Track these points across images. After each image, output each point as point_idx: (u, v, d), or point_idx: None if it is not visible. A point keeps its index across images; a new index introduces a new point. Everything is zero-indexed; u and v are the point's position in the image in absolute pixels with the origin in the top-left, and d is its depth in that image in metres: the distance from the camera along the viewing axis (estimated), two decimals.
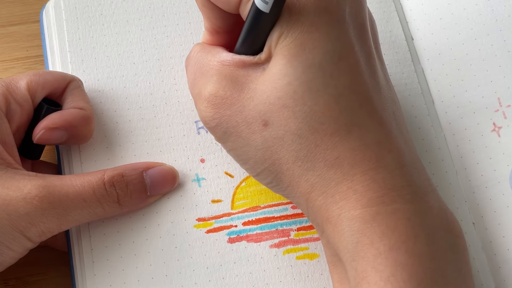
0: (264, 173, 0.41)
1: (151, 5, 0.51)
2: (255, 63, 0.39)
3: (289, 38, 0.38)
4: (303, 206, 0.40)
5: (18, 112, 0.45)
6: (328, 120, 0.38)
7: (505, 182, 0.46)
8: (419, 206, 0.38)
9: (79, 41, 0.50)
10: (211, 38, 0.44)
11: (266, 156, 0.39)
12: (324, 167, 0.38)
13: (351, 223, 0.37)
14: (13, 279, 0.47)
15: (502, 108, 0.48)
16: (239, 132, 0.40)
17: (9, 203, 0.40)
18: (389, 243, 0.36)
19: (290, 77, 0.37)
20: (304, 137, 0.38)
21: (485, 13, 0.50)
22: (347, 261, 0.37)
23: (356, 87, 0.39)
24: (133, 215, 0.45)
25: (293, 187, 0.40)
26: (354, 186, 0.37)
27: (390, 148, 0.39)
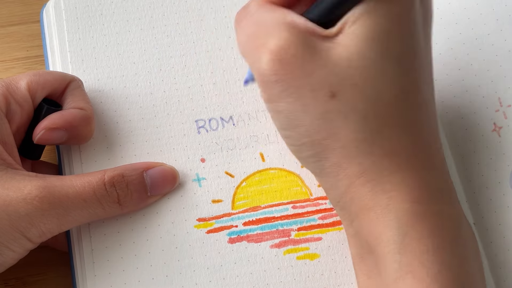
0: (312, 144, 0.40)
1: (151, 4, 0.51)
2: (325, 36, 0.38)
3: (374, 20, 0.37)
4: (339, 190, 0.40)
5: (18, 113, 0.44)
6: (394, 111, 0.38)
7: (506, 182, 0.46)
8: (456, 213, 0.39)
9: (79, 41, 0.50)
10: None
11: (322, 128, 0.39)
12: (381, 154, 0.38)
13: (400, 214, 0.37)
14: (13, 279, 0.47)
15: (503, 108, 0.48)
16: (300, 95, 0.38)
17: (10, 204, 0.40)
18: (437, 241, 0.37)
19: (369, 60, 0.37)
20: (369, 120, 0.38)
21: (486, 13, 0.50)
22: (389, 252, 0.37)
23: (422, 86, 0.39)
24: (133, 216, 0.45)
25: (340, 167, 0.39)
26: (407, 180, 0.38)
27: (438, 152, 0.40)
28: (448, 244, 0.37)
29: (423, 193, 0.38)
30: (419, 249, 0.37)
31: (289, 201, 0.46)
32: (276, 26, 0.39)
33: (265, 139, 0.48)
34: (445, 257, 0.37)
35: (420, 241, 0.37)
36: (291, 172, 0.47)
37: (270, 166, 0.47)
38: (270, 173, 0.47)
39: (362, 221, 0.39)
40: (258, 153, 0.47)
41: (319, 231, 0.46)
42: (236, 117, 0.48)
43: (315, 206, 0.46)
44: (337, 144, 0.39)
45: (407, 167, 0.38)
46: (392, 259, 0.37)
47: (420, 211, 0.37)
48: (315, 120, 0.39)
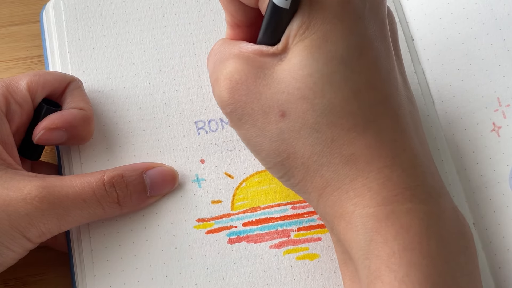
0: (277, 166, 0.40)
1: (150, 5, 0.51)
2: (272, 53, 0.39)
3: (311, 29, 0.37)
4: (314, 202, 0.40)
5: (18, 113, 0.45)
6: (346, 115, 0.37)
7: (505, 182, 0.46)
8: (433, 207, 0.38)
9: (78, 41, 0.50)
10: (232, 32, 0.43)
11: (281, 149, 0.39)
12: (340, 163, 0.38)
13: (365, 220, 0.37)
14: (13, 280, 0.47)
15: (502, 108, 0.48)
16: (254, 121, 0.39)
17: (9, 204, 0.40)
18: (403, 243, 0.36)
19: (311, 68, 0.37)
20: (321, 131, 0.38)
21: (485, 12, 0.50)
22: (359, 259, 0.37)
23: (375, 83, 0.38)
24: (133, 216, 0.45)
25: (306, 182, 0.39)
26: (369, 184, 0.37)
27: (405, 147, 0.38)
28: (417, 245, 0.36)
29: (388, 194, 0.37)
30: (385, 253, 0.36)
31: (289, 201, 0.46)
32: (227, 58, 0.40)
33: None
34: (414, 258, 0.36)
35: (386, 244, 0.36)
36: None
37: None
38: (269, 174, 0.47)
39: (337, 229, 0.39)
40: None
41: (319, 231, 0.46)
42: None
43: None
44: (298, 162, 0.39)
45: (369, 170, 0.37)
46: (362, 265, 0.37)
47: (384, 213, 0.37)
48: (273, 143, 0.39)
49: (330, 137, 0.38)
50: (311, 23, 0.37)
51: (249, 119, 0.40)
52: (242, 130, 0.41)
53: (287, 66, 0.38)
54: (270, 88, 0.38)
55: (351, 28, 0.38)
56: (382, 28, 0.40)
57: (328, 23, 0.37)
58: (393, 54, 0.41)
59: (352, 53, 0.38)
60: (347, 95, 0.37)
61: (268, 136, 0.39)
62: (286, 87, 0.38)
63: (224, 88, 0.40)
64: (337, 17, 0.37)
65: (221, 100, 0.40)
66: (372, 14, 0.39)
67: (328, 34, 0.37)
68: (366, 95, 0.38)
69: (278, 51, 0.39)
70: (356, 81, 0.38)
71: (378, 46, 0.39)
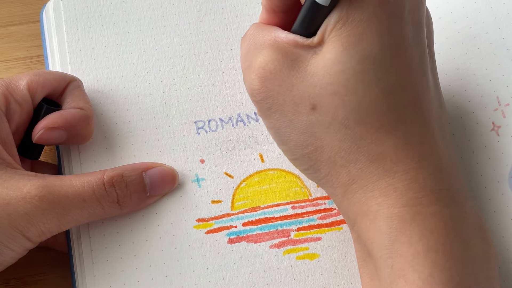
0: (303, 158, 0.40)
1: (150, 5, 0.51)
2: (307, 46, 0.39)
3: (348, 25, 0.37)
4: (338, 197, 0.40)
5: (18, 112, 0.45)
6: (376, 114, 0.38)
7: (504, 182, 0.46)
8: (457, 211, 0.38)
9: (78, 42, 0.50)
10: (267, 17, 0.43)
11: (308, 142, 0.39)
12: (367, 160, 0.38)
13: (389, 220, 0.37)
14: (13, 279, 0.47)
15: (501, 107, 0.48)
16: (284, 111, 0.40)
17: (9, 203, 0.40)
18: (428, 244, 0.36)
19: (345, 65, 0.37)
20: (351, 128, 0.38)
21: (484, 11, 0.50)
22: (382, 257, 0.38)
23: (407, 85, 0.39)
24: (132, 216, 0.45)
25: (331, 177, 0.40)
26: (395, 184, 0.38)
27: (432, 150, 0.39)
28: (441, 246, 0.36)
29: (413, 195, 0.37)
30: (410, 253, 0.36)
31: (289, 201, 0.46)
32: (261, 45, 0.40)
33: (264, 140, 0.48)
34: (438, 259, 0.36)
35: (410, 245, 0.37)
36: (290, 172, 0.47)
37: (269, 167, 0.47)
38: (269, 173, 0.47)
39: (360, 226, 0.39)
40: (257, 153, 0.48)
41: (319, 231, 0.46)
42: (235, 118, 0.48)
43: (315, 206, 0.46)
44: (324, 156, 0.39)
45: (395, 171, 0.38)
46: (384, 263, 0.37)
47: (409, 214, 0.37)
48: (301, 135, 0.40)
49: (359, 134, 0.38)
50: (349, 20, 0.37)
51: (279, 109, 0.40)
52: (271, 119, 0.41)
53: (322, 61, 0.38)
54: (303, 80, 0.39)
55: (387, 28, 0.38)
56: (419, 30, 0.40)
57: (366, 21, 0.37)
58: (427, 56, 0.41)
59: (386, 53, 0.38)
60: (378, 95, 0.38)
61: (297, 128, 0.40)
62: (319, 81, 0.38)
63: (256, 76, 0.40)
64: (375, 15, 0.37)
65: (252, 87, 0.41)
66: (410, 16, 0.39)
67: (364, 32, 0.37)
68: (397, 96, 0.38)
69: (313, 44, 0.39)
70: (388, 81, 0.38)
71: (413, 48, 0.39)
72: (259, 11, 0.51)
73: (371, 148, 0.38)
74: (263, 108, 0.41)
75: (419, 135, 0.39)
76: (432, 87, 0.41)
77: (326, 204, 0.46)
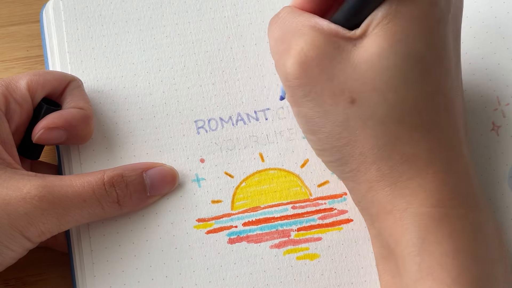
0: (332, 150, 0.40)
1: (150, 5, 0.51)
2: (349, 38, 0.39)
3: (396, 22, 0.37)
4: (360, 192, 0.40)
5: (18, 112, 0.45)
6: (414, 114, 0.38)
7: (504, 182, 0.46)
8: (481, 216, 0.39)
9: (78, 41, 0.49)
10: (302, 1, 0.42)
11: (342, 134, 0.39)
12: (400, 159, 0.38)
13: (418, 218, 0.37)
14: (13, 279, 0.47)
15: (501, 107, 0.48)
16: (321, 101, 0.39)
17: (9, 203, 0.40)
18: (456, 245, 0.37)
19: (390, 62, 0.37)
20: (388, 126, 0.38)
21: (484, 11, 0.50)
22: (409, 255, 0.38)
23: (445, 89, 0.39)
24: (132, 216, 0.45)
25: (359, 172, 0.40)
26: (425, 185, 0.38)
27: (461, 155, 0.39)
28: (468, 248, 0.37)
29: (443, 197, 0.38)
30: (439, 252, 0.37)
31: (289, 201, 0.46)
32: (300, 30, 0.40)
33: (264, 139, 0.48)
34: (465, 260, 0.37)
35: (440, 244, 0.37)
36: (290, 172, 0.47)
37: (269, 167, 0.47)
38: (269, 173, 0.47)
39: (382, 223, 0.39)
40: (258, 153, 0.47)
41: (319, 231, 0.46)
42: (235, 117, 0.48)
43: (315, 206, 0.46)
44: (356, 151, 0.39)
45: (427, 171, 0.38)
46: (412, 261, 0.37)
47: (439, 215, 0.37)
48: (336, 127, 0.39)
49: (395, 133, 0.38)
50: (397, 16, 0.37)
51: (315, 98, 0.39)
52: (304, 107, 0.40)
53: (366, 55, 0.38)
54: (344, 72, 0.38)
55: (434, 29, 0.38)
56: (458, 36, 0.41)
57: (414, 20, 0.37)
58: (460, 63, 0.41)
59: (431, 54, 0.38)
60: (418, 95, 0.38)
61: (332, 119, 0.39)
62: (361, 75, 0.38)
63: (296, 61, 0.39)
64: (423, 15, 0.37)
65: (288, 72, 0.40)
66: (453, 21, 0.39)
67: (411, 31, 0.37)
68: (435, 99, 0.38)
69: (355, 36, 0.38)
70: (430, 83, 0.38)
71: (452, 52, 0.39)
72: (259, 9, 0.51)
73: (405, 148, 0.38)
74: (297, 95, 0.40)
75: (451, 140, 0.39)
76: (461, 93, 0.41)
77: (326, 204, 0.46)
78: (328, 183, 0.47)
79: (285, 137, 0.48)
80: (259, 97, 0.48)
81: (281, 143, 0.47)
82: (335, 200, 0.46)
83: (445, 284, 0.36)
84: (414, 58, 0.37)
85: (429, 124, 0.38)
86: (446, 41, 0.39)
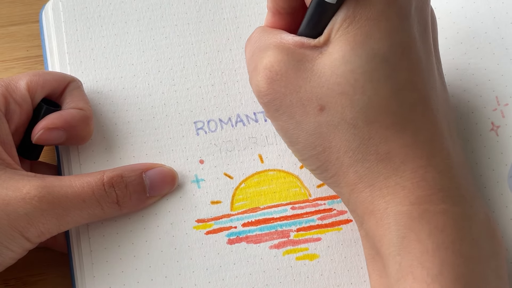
0: (312, 159, 0.40)
1: (149, 6, 0.51)
2: (313, 46, 0.39)
3: (355, 24, 0.37)
4: (345, 196, 0.40)
5: (17, 112, 0.45)
6: (385, 113, 0.38)
7: (504, 182, 0.46)
8: (466, 209, 0.38)
9: (77, 42, 0.50)
10: (273, 20, 0.43)
11: (317, 143, 0.39)
12: (375, 160, 0.38)
13: (398, 217, 0.37)
14: (13, 279, 0.47)
15: (500, 107, 0.48)
16: (292, 113, 0.40)
17: (8, 203, 0.40)
18: (437, 241, 0.36)
19: (353, 64, 0.37)
20: (359, 128, 0.38)
21: (483, 11, 0.50)
22: (390, 254, 0.38)
23: (415, 83, 0.39)
24: (132, 217, 0.45)
25: (339, 177, 0.40)
26: (403, 182, 0.38)
27: (440, 149, 0.39)
28: (450, 244, 0.36)
29: (422, 193, 0.37)
30: (419, 250, 0.36)
31: (288, 202, 0.46)
32: (267, 47, 0.40)
33: (263, 140, 0.48)
34: (447, 257, 0.36)
35: (419, 242, 0.37)
36: (290, 173, 0.47)
37: (269, 168, 0.47)
38: (269, 174, 0.47)
39: (367, 224, 0.39)
40: (257, 154, 0.48)
41: (318, 232, 0.46)
42: (235, 119, 0.48)
43: (314, 206, 0.46)
44: (333, 157, 0.39)
45: (403, 169, 0.38)
46: (393, 260, 0.37)
47: (418, 212, 0.37)
48: (309, 136, 0.40)
49: (367, 134, 0.38)
50: (356, 18, 0.37)
51: (286, 111, 0.40)
52: (279, 121, 0.41)
53: (328, 61, 0.38)
54: (310, 81, 0.39)
55: (395, 26, 0.38)
56: (426, 28, 0.40)
57: (373, 19, 0.37)
58: (433, 55, 0.41)
59: (395, 52, 0.38)
60: (387, 94, 0.38)
61: (305, 129, 0.39)
62: (326, 82, 0.38)
63: (262, 78, 0.40)
64: (383, 14, 0.37)
65: (258, 90, 0.40)
66: (417, 14, 0.39)
67: (372, 31, 0.37)
68: (406, 95, 0.38)
69: (320, 43, 0.39)
70: (397, 80, 0.38)
71: (420, 46, 0.39)
72: (258, 12, 0.51)
73: (379, 148, 0.38)
74: (270, 110, 0.41)
75: (428, 134, 0.39)
76: (439, 86, 0.41)
77: (325, 204, 0.46)
78: None
79: None
80: None
81: (280, 144, 0.47)
82: (335, 200, 0.46)
83: (425, 282, 0.36)
84: (378, 58, 0.37)
85: (402, 121, 0.38)
86: (411, 36, 0.39)
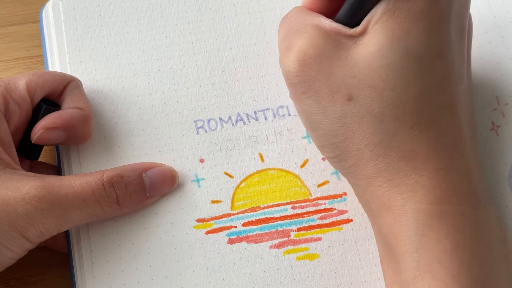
0: (331, 146, 0.41)
1: (149, 5, 0.51)
2: (350, 35, 0.39)
3: (395, 18, 0.37)
4: (361, 188, 0.41)
5: (17, 112, 0.44)
6: (412, 112, 0.38)
7: (504, 182, 0.46)
8: (482, 214, 0.39)
9: (77, 42, 0.49)
10: (311, 1, 0.43)
11: (339, 131, 0.39)
12: (397, 156, 0.38)
13: (416, 215, 0.37)
14: (13, 279, 0.47)
15: (500, 107, 0.48)
16: (319, 98, 0.40)
17: (8, 203, 0.40)
18: (455, 242, 0.37)
19: (388, 59, 0.37)
20: (385, 123, 0.38)
21: (483, 10, 0.50)
22: (407, 252, 0.38)
23: (445, 87, 0.39)
24: (132, 216, 0.45)
25: (357, 168, 0.40)
26: (423, 181, 0.38)
27: (462, 153, 0.39)
28: (468, 246, 0.37)
29: (441, 194, 0.38)
30: (437, 249, 0.37)
31: (289, 201, 0.46)
32: (302, 28, 0.40)
33: (264, 139, 0.48)
34: (465, 258, 0.36)
35: (438, 241, 0.37)
36: (290, 172, 0.47)
37: (269, 167, 0.47)
38: (269, 173, 0.47)
39: (382, 220, 0.39)
40: (257, 153, 0.47)
41: (319, 231, 0.46)
42: (235, 118, 0.48)
43: (315, 206, 0.46)
44: (353, 147, 0.39)
45: (425, 169, 0.38)
46: (410, 258, 0.37)
47: (438, 212, 0.37)
48: (333, 124, 0.40)
49: (392, 130, 0.38)
50: (396, 13, 0.37)
51: (313, 95, 0.40)
52: (304, 104, 0.41)
53: (364, 52, 0.38)
54: (342, 69, 0.39)
55: (434, 27, 0.38)
56: (462, 33, 0.40)
57: (413, 17, 0.37)
58: (465, 61, 0.41)
59: (430, 52, 0.38)
60: (416, 93, 0.38)
61: (329, 116, 0.40)
62: (358, 73, 0.38)
63: (294, 59, 0.40)
64: (423, 13, 0.37)
65: (288, 70, 0.40)
66: (456, 18, 0.39)
67: (410, 28, 0.37)
68: (435, 97, 0.38)
69: (356, 33, 0.39)
70: (428, 81, 0.38)
71: (455, 50, 0.39)
72: (258, 9, 0.51)
73: (403, 145, 0.38)
74: (297, 91, 0.41)
75: (452, 137, 0.39)
76: (467, 92, 0.41)
77: (326, 204, 0.46)
78: (328, 183, 0.47)
79: (285, 137, 0.48)
80: (258, 97, 0.48)
81: (280, 143, 0.47)
82: (335, 200, 0.46)
83: (443, 282, 0.36)
84: (412, 56, 0.37)
85: (428, 121, 0.38)
86: (448, 39, 0.39)
